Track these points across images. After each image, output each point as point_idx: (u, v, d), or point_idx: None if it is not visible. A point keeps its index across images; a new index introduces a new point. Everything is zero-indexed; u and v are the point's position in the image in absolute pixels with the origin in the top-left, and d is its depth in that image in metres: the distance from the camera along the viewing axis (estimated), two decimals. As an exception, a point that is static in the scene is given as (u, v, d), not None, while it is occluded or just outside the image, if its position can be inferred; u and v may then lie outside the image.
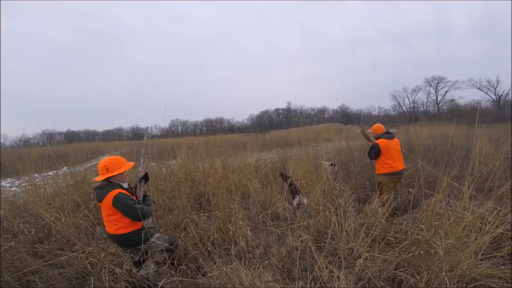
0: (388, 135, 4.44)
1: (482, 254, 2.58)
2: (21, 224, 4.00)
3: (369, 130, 5.07)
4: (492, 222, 2.54)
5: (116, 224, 2.48)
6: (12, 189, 7.72)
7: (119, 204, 2.37)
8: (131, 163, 2.67)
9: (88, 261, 3.06)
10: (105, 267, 2.96)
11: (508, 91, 44.00)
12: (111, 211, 2.43)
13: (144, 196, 2.76)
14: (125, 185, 2.61)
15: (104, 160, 2.50)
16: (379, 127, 4.63)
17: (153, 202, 2.79)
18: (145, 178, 2.84)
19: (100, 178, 2.46)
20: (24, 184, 6.13)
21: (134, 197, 2.61)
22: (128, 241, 2.56)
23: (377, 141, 4.45)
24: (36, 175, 5.59)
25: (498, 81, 45.44)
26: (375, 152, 4.40)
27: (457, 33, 78.91)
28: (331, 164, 6.37)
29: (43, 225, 3.99)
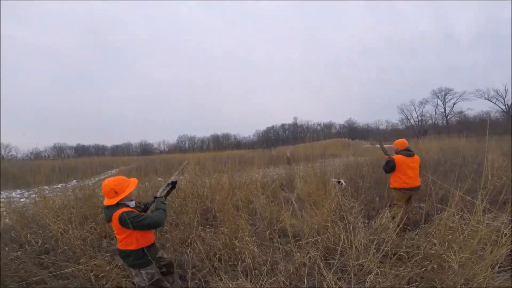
0: (407, 152, 4.45)
1: (499, 267, 2.50)
2: (28, 235, 4.03)
3: (388, 145, 5.08)
4: (508, 235, 2.46)
5: (122, 241, 2.50)
6: (22, 200, 7.84)
7: (125, 223, 2.36)
8: (135, 180, 2.65)
9: (93, 273, 3.06)
10: (111, 280, 2.94)
11: None
12: (119, 230, 2.44)
13: (156, 198, 2.76)
14: (132, 204, 2.58)
15: (109, 183, 2.45)
16: (400, 142, 4.64)
17: (163, 203, 2.68)
18: (173, 183, 2.89)
19: (111, 202, 2.43)
20: (33, 196, 6.25)
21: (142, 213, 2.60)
22: (126, 258, 2.55)
23: (393, 157, 4.48)
24: (46, 187, 5.69)
25: (506, 91, 44.37)
26: (389, 166, 4.45)
27: (463, 41, 78.44)
28: (338, 181, 6.32)
29: (50, 237, 4.02)
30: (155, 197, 2.74)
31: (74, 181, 6.61)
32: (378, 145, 5.75)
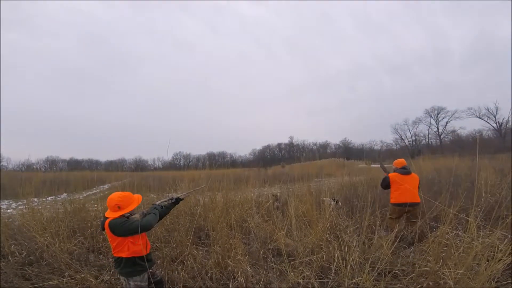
0: (403, 170, 4.71)
1: (496, 281, 2.47)
2: (12, 246, 3.99)
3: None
4: (504, 250, 2.46)
5: (115, 248, 2.54)
6: (9, 211, 7.73)
7: (114, 229, 2.43)
8: (140, 196, 2.73)
9: (78, 287, 3.05)
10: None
11: (508, 118, 43.00)
12: (111, 237, 2.51)
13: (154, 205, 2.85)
14: (127, 214, 2.62)
15: (115, 197, 2.55)
16: (398, 162, 4.94)
17: (156, 209, 2.78)
18: (177, 199, 3.05)
19: (113, 215, 2.51)
20: (21, 207, 6.17)
21: None
22: (118, 265, 2.58)
23: (389, 174, 4.74)
24: (35, 199, 5.63)
25: (497, 108, 44.15)
26: (384, 183, 4.81)
27: (455, 59, 79.81)
28: (333, 199, 6.33)
29: (35, 249, 3.97)
30: (153, 204, 2.86)
31: (65, 194, 6.54)
32: (379, 165, 6.00)
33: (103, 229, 2.54)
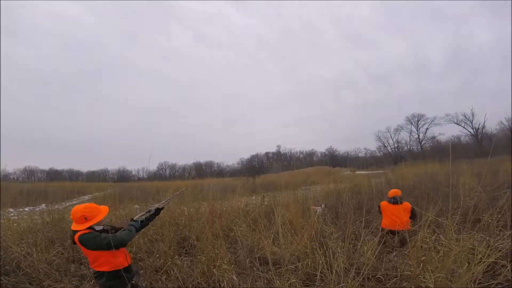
0: (391, 200, 5.06)
1: (478, 283, 2.54)
2: None
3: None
4: (483, 252, 2.54)
5: (93, 262, 2.47)
6: None
7: (86, 243, 2.36)
8: (106, 208, 2.64)
9: None
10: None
11: (484, 123, 44.32)
12: (85, 251, 2.43)
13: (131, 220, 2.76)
14: (99, 228, 2.54)
15: (79, 209, 2.44)
16: (390, 192, 5.26)
17: (133, 225, 2.67)
18: (157, 210, 2.95)
19: (80, 227, 2.41)
20: None
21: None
22: (99, 278, 2.50)
23: (381, 203, 5.23)
24: (11, 209, 5.42)
25: (473, 114, 45.26)
26: (378, 209, 5.29)
27: (435, 68, 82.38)
28: (322, 206, 6.41)
29: (11, 259, 3.86)
30: (131, 219, 2.75)
31: (43, 205, 6.33)
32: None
33: (74, 243, 2.43)
